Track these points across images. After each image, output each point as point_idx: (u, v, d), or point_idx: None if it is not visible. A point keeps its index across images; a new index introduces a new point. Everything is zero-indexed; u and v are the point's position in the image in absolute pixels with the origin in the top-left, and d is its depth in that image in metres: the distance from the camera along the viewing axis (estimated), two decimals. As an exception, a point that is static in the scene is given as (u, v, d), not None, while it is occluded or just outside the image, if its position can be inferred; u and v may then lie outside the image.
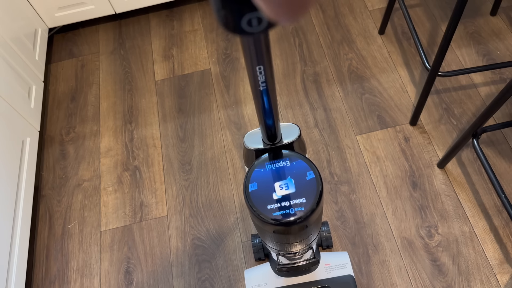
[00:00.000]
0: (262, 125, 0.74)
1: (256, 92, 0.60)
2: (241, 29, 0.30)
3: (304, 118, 1.56)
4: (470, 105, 1.52)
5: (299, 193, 0.77)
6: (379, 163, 1.44)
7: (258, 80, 0.57)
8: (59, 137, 1.62)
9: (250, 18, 0.29)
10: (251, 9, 0.29)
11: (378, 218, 1.34)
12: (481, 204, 1.34)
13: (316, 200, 0.76)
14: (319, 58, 1.70)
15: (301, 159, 0.79)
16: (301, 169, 0.79)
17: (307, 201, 0.76)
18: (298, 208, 0.76)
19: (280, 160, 0.80)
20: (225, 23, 0.30)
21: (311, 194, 0.77)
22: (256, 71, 0.54)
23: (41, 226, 1.44)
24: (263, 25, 0.30)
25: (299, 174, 0.78)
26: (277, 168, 0.79)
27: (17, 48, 1.49)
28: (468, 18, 1.71)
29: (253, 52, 0.50)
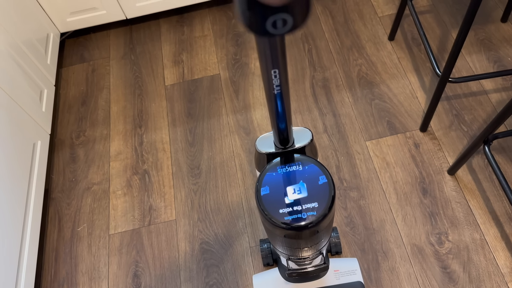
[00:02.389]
0: (274, 129, 0.74)
1: (270, 95, 0.60)
2: (266, 31, 0.30)
3: (313, 123, 1.55)
4: (481, 112, 1.51)
5: (311, 198, 0.77)
6: (389, 169, 1.43)
7: (273, 84, 0.57)
8: (70, 140, 1.63)
9: (276, 20, 0.29)
10: (277, 11, 0.28)
11: (388, 224, 1.33)
12: (492, 211, 1.33)
13: (329, 205, 0.76)
14: (329, 63, 1.70)
15: (313, 163, 0.79)
16: (313, 174, 0.78)
17: (319, 205, 0.76)
18: (310, 213, 0.75)
19: (292, 164, 0.79)
20: (249, 25, 0.30)
21: (323, 199, 0.76)
22: (271, 74, 0.55)
23: (50, 228, 1.45)
24: (287, 26, 0.30)
25: (311, 178, 0.78)
26: (289, 172, 0.79)
27: (29, 52, 1.51)
28: (479, 24, 1.71)
29: (268, 55, 0.50)
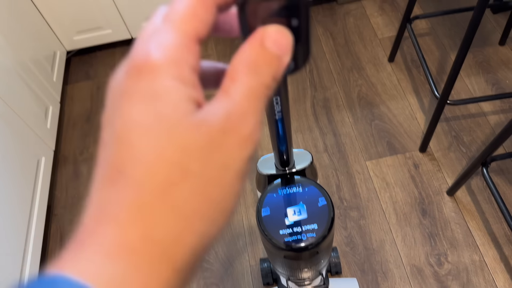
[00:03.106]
0: (275, 151, 0.75)
1: (272, 120, 0.62)
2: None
3: (313, 143, 1.57)
4: (480, 133, 1.53)
5: (311, 219, 0.78)
6: (389, 189, 1.44)
7: (274, 110, 0.59)
8: (73, 157, 1.65)
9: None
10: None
11: (388, 244, 1.34)
12: (491, 232, 1.33)
13: (328, 226, 0.77)
14: (329, 84, 1.73)
15: (313, 185, 0.81)
16: (313, 195, 0.80)
17: (319, 227, 0.77)
18: (310, 234, 0.77)
19: (292, 186, 0.81)
20: None
21: (323, 221, 0.78)
22: (273, 101, 0.57)
23: (52, 245, 1.45)
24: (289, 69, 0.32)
25: (311, 200, 0.80)
26: (290, 193, 0.80)
27: (36, 69, 1.54)
28: (477, 47, 1.74)
29: None
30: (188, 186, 0.21)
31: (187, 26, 0.23)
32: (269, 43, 0.24)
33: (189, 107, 0.22)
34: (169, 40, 0.22)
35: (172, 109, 0.21)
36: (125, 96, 0.22)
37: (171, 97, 0.21)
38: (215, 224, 0.23)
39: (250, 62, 0.23)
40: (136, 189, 0.21)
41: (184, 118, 0.21)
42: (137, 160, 0.21)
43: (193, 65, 0.23)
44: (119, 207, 0.21)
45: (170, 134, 0.21)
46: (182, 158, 0.21)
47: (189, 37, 0.23)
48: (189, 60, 0.22)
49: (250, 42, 0.24)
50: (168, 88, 0.21)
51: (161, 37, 0.22)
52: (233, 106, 0.22)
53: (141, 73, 0.22)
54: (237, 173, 0.23)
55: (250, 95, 0.23)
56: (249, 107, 0.23)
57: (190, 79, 0.22)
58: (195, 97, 0.22)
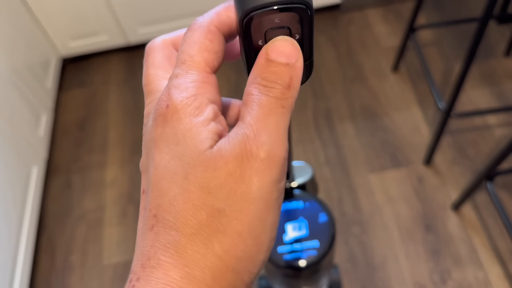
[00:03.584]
0: (275, 165, 0.72)
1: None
2: None
3: (314, 154, 1.53)
4: (484, 147, 1.49)
5: (311, 236, 0.74)
6: (392, 204, 1.40)
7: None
8: (66, 166, 1.60)
9: None
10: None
11: (390, 261, 1.29)
12: (495, 249, 1.29)
13: (329, 244, 0.73)
14: (331, 94, 1.69)
15: (314, 200, 0.77)
16: (314, 211, 0.76)
17: (320, 244, 0.73)
18: (311, 252, 0.73)
19: (292, 200, 0.77)
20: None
21: (324, 238, 0.74)
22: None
23: (42, 257, 1.41)
24: None
25: (311, 216, 0.76)
26: (289, 209, 0.77)
27: (30, 76, 1.50)
28: (482, 58, 1.71)
29: None
30: (216, 225, 0.22)
31: (200, 63, 0.24)
32: (273, 55, 0.24)
33: (208, 143, 0.22)
34: (186, 82, 0.23)
35: (193, 151, 0.22)
36: (155, 144, 0.23)
37: (192, 138, 0.22)
38: (253, 260, 0.23)
39: (259, 80, 0.23)
40: (172, 233, 0.22)
41: (203, 156, 0.22)
42: (169, 206, 0.22)
43: (211, 98, 0.24)
44: (160, 251, 0.22)
45: (192, 176, 0.22)
46: (206, 199, 0.22)
47: (204, 72, 0.24)
48: (207, 95, 0.24)
49: (256, 61, 0.24)
50: (189, 130, 0.22)
51: (179, 81, 0.24)
52: (247, 131, 0.22)
53: (165, 120, 0.23)
54: (265, 201, 0.22)
55: (263, 114, 0.23)
56: (263, 126, 0.22)
57: (210, 113, 0.23)
58: (216, 130, 0.23)
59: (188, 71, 0.24)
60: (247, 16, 0.24)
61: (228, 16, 0.25)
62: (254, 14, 0.24)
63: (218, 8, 0.25)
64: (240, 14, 0.24)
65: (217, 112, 0.24)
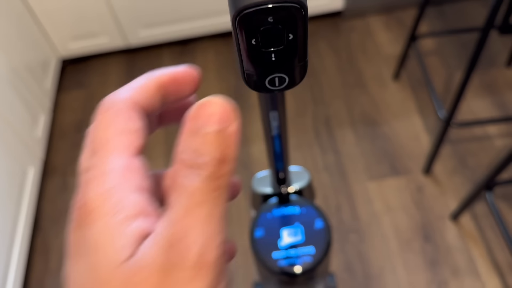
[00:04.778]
0: (271, 169, 0.71)
1: (268, 137, 0.58)
2: (264, 88, 0.31)
3: (313, 161, 1.52)
4: (484, 157, 1.48)
5: (307, 242, 0.73)
6: (390, 213, 1.39)
7: (271, 125, 0.55)
8: (63, 167, 1.59)
9: (273, 78, 0.31)
10: (275, 71, 0.30)
11: (387, 271, 1.28)
12: (494, 261, 1.28)
13: (325, 250, 0.72)
14: (331, 100, 1.68)
15: (310, 206, 0.76)
16: (310, 217, 0.75)
17: (315, 251, 0.72)
18: (306, 258, 0.72)
19: (288, 206, 0.76)
20: (248, 82, 0.31)
21: (320, 244, 0.73)
22: (270, 116, 0.53)
23: (37, 259, 1.39)
24: (284, 84, 0.32)
25: (307, 222, 0.75)
26: (285, 214, 0.76)
27: (29, 76, 1.50)
28: (483, 68, 1.70)
29: (268, 99, 0.49)
30: None
31: (117, 147, 0.21)
32: (200, 121, 0.20)
33: (126, 252, 0.18)
34: (102, 174, 0.20)
35: (108, 263, 0.18)
36: (69, 253, 0.20)
37: (107, 247, 0.19)
38: None
39: (185, 156, 0.19)
40: None
41: (120, 270, 0.18)
42: None
43: (137, 185, 0.20)
44: None
45: None
46: None
47: (123, 157, 0.21)
48: (130, 183, 0.20)
49: (183, 128, 0.20)
50: (104, 236, 0.19)
51: (94, 174, 0.20)
52: (173, 230, 0.18)
53: (79, 224, 0.19)
54: None
55: (192, 204, 0.19)
56: (192, 222, 0.18)
57: (133, 207, 0.19)
58: (139, 231, 0.19)
59: (104, 161, 0.20)
60: (240, 14, 0.23)
61: (146, 86, 0.23)
62: (246, 12, 0.23)
63: (133, 82, 0.23)
64: (233, 12, 0.24)
65: (144, 202, 0.20)
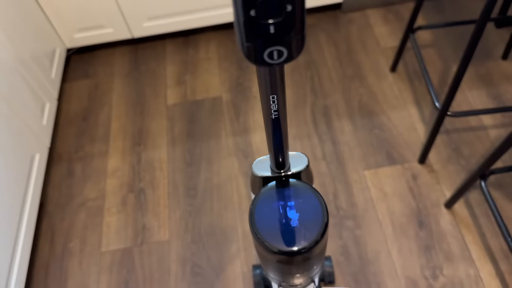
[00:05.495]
0: (271, 153, 0.74)
1: (268, 120, 0.61)
2: (263, 61, 0.32)
3: (312, 150, 1.56)
4: (479, 147, 1.51)
5: (304, 224, 0.76)
6: (386, 200, 1.43)
7: (271, 109, 0.58)
8: (68, 155, 1.63)
9: (272, 51, 0.31)
10: (273, 43, 0.30)
11: (383, 255, 1.32)
12: (487, 247, 1.32)
13: (321, 232, 0.75)
14: (330, 91, 1.72)
15: (308, 189, 0.79)
16: (307, 199, 0.78)
17: (312, 232, 0.75)
18: (303, 239, 0.75)
19: (287, 189, 0.79)
20: (248, 55, 0.32)
21: (316, 226, 0.76)
22: (270, 100, 0.55)
23: (42, 242, 1.43)
24: (283, 58, 0.32)
25: (305, 204, 0.78)
26: (284, 197, 0.79)
27: (35, 65, 1.53)
28: (479, 60, 1.73)
29: (268, 81, 0.51)
30: None
31: None
32: None
33: None
34: None
35: None
36: None
37: None
38: None
39: None
40: None
41: None
42: None
43: None
44: None
45: None
46: None
47: None
48: None
49: None
50: None
51: None
52: None
53: None
54: None
55: None
56: None
57: None
58: None
59: None
60: None
61: None
62: None
63: None
64: None
65: None
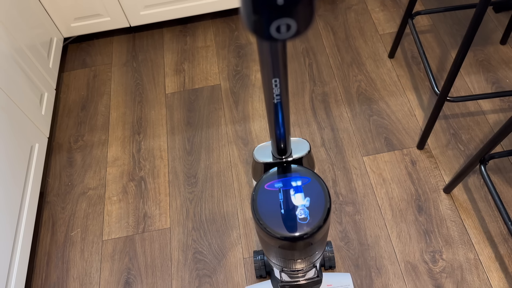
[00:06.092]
0: (273, 139, 0.74)
1: (270, 104, 0.61)
2: (270, 35, 0.30)
3: (311, 137, 1.56)
4: (478, 132, 1.52)
5: (306, 209, 0.77)
6: (385, 185, 1.43)
7: (273, 93, 0.57)
8: (67, 144, 1.63)
9: (279, 25, 0.29)
10: (281, 15, 0.29)
11: (382, 240, 1.33)
12: (486, 231, 1.33)
13: (324, 217, 0.76)
14: (329, 78, 1.71)
15: (310, 175, 0.79)
16: (309, 185, 0.79)
17: (314, 217, 0.76)
18: (305, 224, 0.75)
19: (289, 174, 0.80)
20: (254, 29, 0.30)
21: (319, 211, 0.76)
22: (272, 83, 0.55)
23: (43, 232, 1.44)
24: (291, 32, 0.30)
25: (307, 189, 0.78)
26: (286, 182, 0.79)
27: (32, 55, 1.52)
28: (478, 46, 1.73)
29: (270, 64, 0.51)
30: None
31: None
32: None
33: None
34: None
35: None
36: None
37: None
38: None
39: None
40: None
41: None
42: None
43: None
44: None
45: None
46: None
47: None
48: None
49: None
50: None
51: None
52: None
53: None
54: None
55: None
56: None
57: None
58: None
59: None
60: None
61: None
62: None
63: None
64: None
65: None
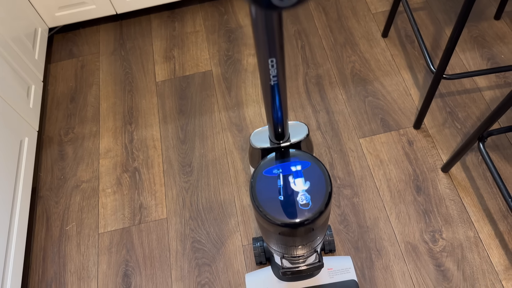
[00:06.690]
0: (270, 123, 0.72)
1: (266, 87, 0.59)
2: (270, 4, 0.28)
3: (306, 121, 1.54)
4: (475, 109, 1.50)
5: (306, 194, 0.75)
6: (383, 167, 1.42)
7: (270, 74, 0.55)
8: (58, 137, 1.59)
9: None
10: None
11: (382, 222, 1.32)
12: (486, 209, 1.32)
13: (325, 202, 0.74)
14: (322, 60, 1.69)
15: (309, 159, 0.77)
16: (309, 169, 0.77)
17: (315, 202, 0.74)
18: (306, 210, 0.73)
19: (287, 159, 0.78)
20: None
21: (320, 196, 0.74)
22: (268, 64, 0.53)
23: (38, 227, 1.41)
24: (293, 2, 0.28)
25: (307, 174, 0.76)
26: (285, 168, 0.77)
27: (16, 47, 1.47)
28: (472, 21, 1.71)
29: (266, 43, 0.49)
30: None
31: None
32: None
33: None
34: None
35: None
36: None
37: None
38: None
39: None
40: None
41: None
42: None
43: None
44: None
45: None
46: None
47: None
48: None
49: None
50: None
51: None
52: None
53: None
54: None
55: None
56: None
57: None
58: None
59: None
60: None
61: None
62: None
63: None
64: None
65: None
